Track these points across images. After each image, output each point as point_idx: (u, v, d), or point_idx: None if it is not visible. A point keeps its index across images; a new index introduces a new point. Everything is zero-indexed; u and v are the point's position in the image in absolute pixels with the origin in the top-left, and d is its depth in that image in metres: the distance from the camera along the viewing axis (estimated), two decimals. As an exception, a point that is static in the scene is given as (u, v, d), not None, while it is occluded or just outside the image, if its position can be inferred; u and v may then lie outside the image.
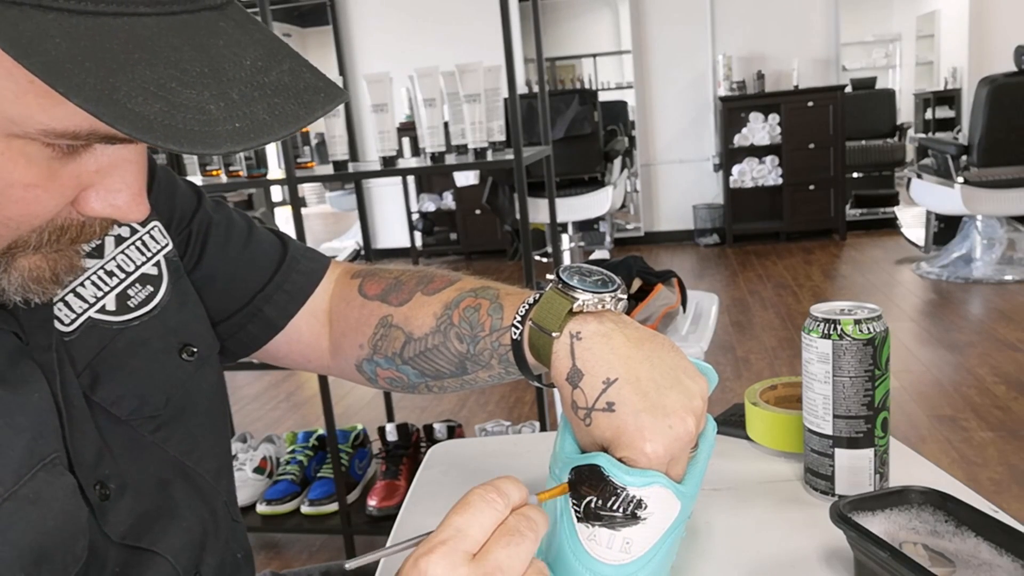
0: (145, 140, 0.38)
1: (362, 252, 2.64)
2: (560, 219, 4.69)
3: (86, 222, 0.49)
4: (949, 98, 6.51)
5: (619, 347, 0.55)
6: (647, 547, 0.51)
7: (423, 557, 0.44)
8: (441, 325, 0.67)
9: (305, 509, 2.22)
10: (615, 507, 0.50)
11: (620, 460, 0.51)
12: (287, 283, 0.75)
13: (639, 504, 0.50)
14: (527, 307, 0.60)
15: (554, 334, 0.56)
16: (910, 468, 0.77)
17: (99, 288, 0.61)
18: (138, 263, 0.64)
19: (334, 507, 2.19)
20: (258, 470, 2.32)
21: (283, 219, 6.32)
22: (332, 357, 0.76)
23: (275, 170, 2.17)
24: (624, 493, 0.50)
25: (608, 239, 5.81)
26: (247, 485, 2.28)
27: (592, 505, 0.51)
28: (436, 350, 0.67)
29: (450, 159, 1.97)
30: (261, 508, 2.23)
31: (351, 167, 2.05)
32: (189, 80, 0.40)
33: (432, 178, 6.34)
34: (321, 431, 2.39)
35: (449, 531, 0.45)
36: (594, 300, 0.56)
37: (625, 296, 0.58)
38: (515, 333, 0.60)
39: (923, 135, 6.30)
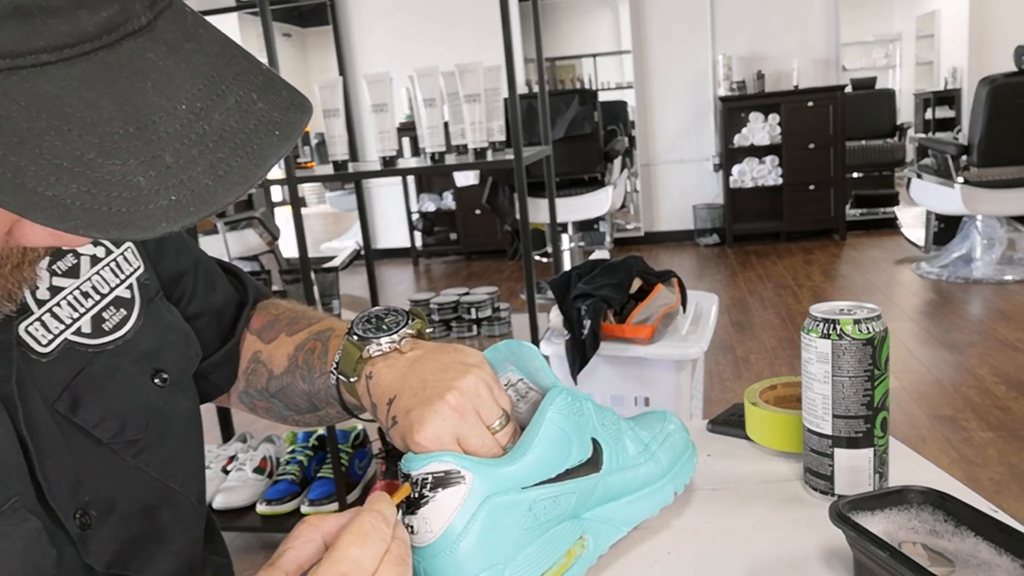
0: (61, 229, 0.33)
1: (362, 252, 2.64)
2: (560, 219, 4.70)
3: (27, 249, 0.46)
4: (949, 98, 6.51)
5: (399, 370, 0.60)
6: (446, 522, 0.53)
7: None
8: (291, 365, 0.71)
9: (305, 509, 2.22)
10: (412, 495, 0.54)
11: None
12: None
13: (423, 484, 0.53)
14: (339, 355, 0.65)
15: (352, 379, 0.63)
16: (910, 468, 0.77)
17: (75, 309, 0.59)
18: (112, 285, 0.62)
19: (334, 507, 2.19)
20: (258, 470, 2.32)
21: (283, 219, 6.31)
22: None
23: (275, 170, 2.17)
24: (411, 479, 0.54)
25: (608, 239, 5.81)
26: (247, 485, 2.27)
27: (401, 499, 0.55)
28: (290, 388, 0.71)
29: (450, 159, 1.97)
30: (261, 508, 2.23)
31: (351, 167, 2.05)
32: (111, 146, 0.34)
33: (432, 178, 6.34)
34: (321, 431, 2.39)
35: (348, 564, 0.45)
36: (385, 345, 0.62)
37: (414, 331, 0.64)
38: (331, 379, 0.66)
39: (923, 135, 6.30)
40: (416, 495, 0.53)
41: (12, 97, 0.32)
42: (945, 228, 4.83)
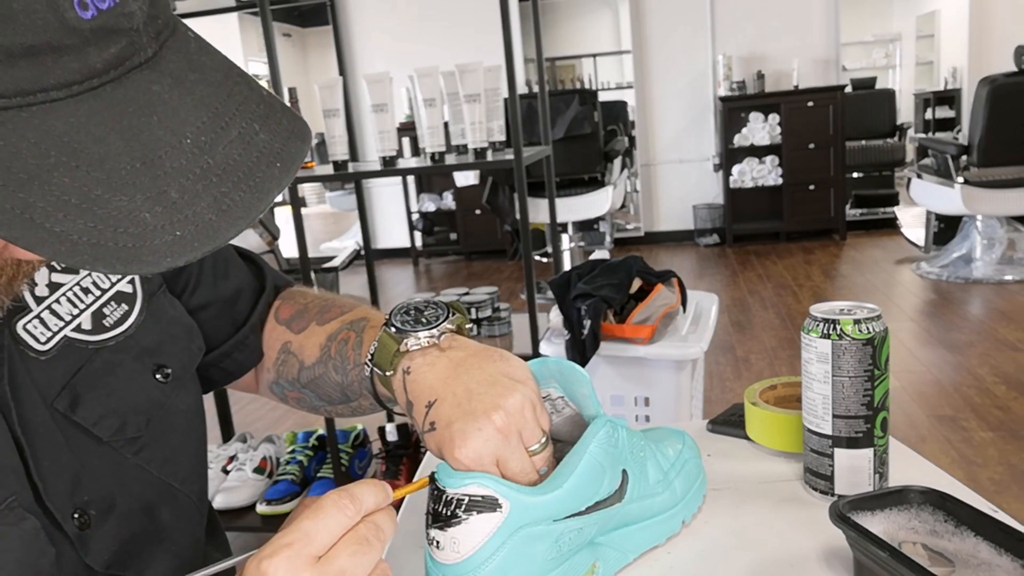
0: (68, 264, 0.34)
1: (362, 252, 2.64)
2: (560, 219, 4.69)
3: (22, 261, 0.46)
4: (949, 98, 6.51)
5: (440, 371, 0.58)
6: (475, 546, 0.53)
7: (266, 560, 0.43)
8: (323, 356, 0.69)
9: (305, 509, 2.22)
10: (441, 509, 0.54)
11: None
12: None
13: (459, 504, 0.53)
14: (374, 347, 0.63)
15: (388, 373, 0.61)
16: (910, 468, 0.77)
17: (75, 305, 0.57)
18: (113, 280, 0.61)
19: (334, 507, 2.18)
20: (258, 470, 2.32)
21: (283, 219, 6.31)
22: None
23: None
24: (445, 495, 0.53)
25: (608, 239, 5.80)
26: (247, 485, 2.28)
27: (430, 509, 0.55)
28: (322, 379, 0.70)
29: (450, 159, 1.97)
30: (261, 508, 2.23)
31: (351, 167, 2.05)
32: (118, 182, 0.34)
33: (432, 178, 6.34)
34: (321, 431, 2.39)
35: (296, 534, 0.44)
36: (423, 339, 0.60)
37: (454, 326, 0.62)
38: (366, 371, 0.64)
39: (923, 135, 6.30)
40: (448, 513, 0.53)
41: (21, 134, 0.33)
42: (945, 228, 4.83)
